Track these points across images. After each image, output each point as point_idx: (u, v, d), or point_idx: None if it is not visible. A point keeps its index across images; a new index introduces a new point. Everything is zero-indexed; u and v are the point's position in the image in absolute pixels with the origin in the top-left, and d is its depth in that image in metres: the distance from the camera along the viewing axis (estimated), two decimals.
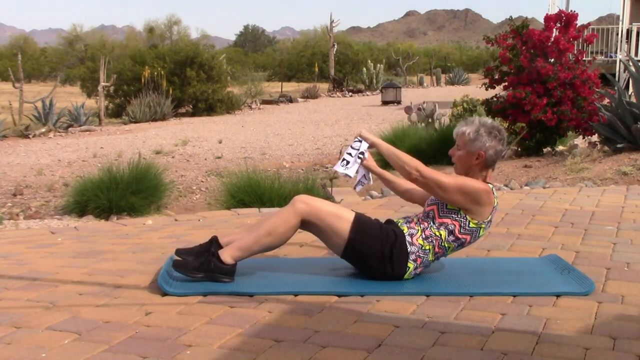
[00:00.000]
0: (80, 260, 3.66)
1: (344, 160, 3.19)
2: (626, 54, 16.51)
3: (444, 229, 3.11)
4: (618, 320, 2.64)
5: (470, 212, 3.09)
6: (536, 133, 8.39)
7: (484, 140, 3.10)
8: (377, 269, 3.10)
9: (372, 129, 14.61)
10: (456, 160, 3.18)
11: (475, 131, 3.11)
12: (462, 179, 3.08)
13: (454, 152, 3.20)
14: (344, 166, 3.18)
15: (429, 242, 3.11)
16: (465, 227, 3.11)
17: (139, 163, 7.13)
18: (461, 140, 3.15)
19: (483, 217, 3.12)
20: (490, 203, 3.10)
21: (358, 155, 3.21)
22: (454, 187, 3.04)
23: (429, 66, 41.68)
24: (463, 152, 3.14)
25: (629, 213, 4.82)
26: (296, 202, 3.10)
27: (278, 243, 3.12)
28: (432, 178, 3.04)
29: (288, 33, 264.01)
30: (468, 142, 3.12)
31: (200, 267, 3.06)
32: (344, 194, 6.86)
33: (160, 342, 2.43)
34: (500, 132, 3.16)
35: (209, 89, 21.55)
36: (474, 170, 3.15)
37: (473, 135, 3.11)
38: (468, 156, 3.13)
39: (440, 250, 3.15)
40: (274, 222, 3.08)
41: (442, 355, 2.31)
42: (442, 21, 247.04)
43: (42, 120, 17.21)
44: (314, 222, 3.09)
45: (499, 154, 3.16)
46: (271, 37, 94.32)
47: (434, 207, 3.14)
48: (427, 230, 3.11)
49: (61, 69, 41.93)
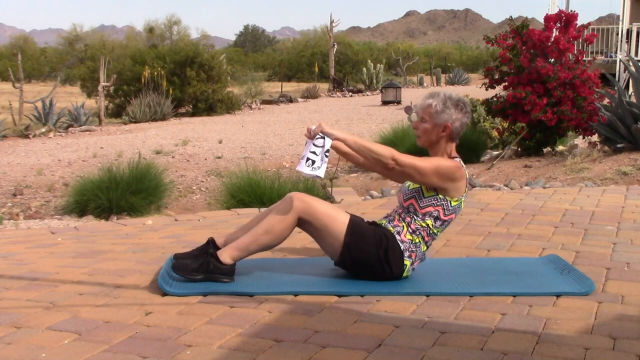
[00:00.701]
0: (80, 260, 3.66)
1: (308, 160, 2.97)
2: (626, 54, 16.51)
3: (429, 218, 3.10)
4: (618, 320, 2.64)
5: (447, 191, 3.08)
6: (536, 133, 8.39)
7: (451, 112, 3.09)
8: (375, 272, 3.09)
9: (371, 129, 14.61)
10: (421, 132, 3.15)
11: (442, 103, 3.10)
12: (436, 160, 3.06)
13: (418, 125, 3.16)
14: (309, 166, 2.96)
15: (417, 234, 3.10)
16: (448, 208, 3.11)
17: (139, 163, 7.13)
18: (427, 113, 3.12)
19: (460, 193, 3.12)
20: (463, 177, 3.10)
21: (324, 153, 2.99)
22: (430, 170, 3.02)
23: (429, 66, 41.68)
24: (429, 125, 3.11)
25: (629, 213, 4.82)
26: (293, 200, 3.08)
27: (276, 241, 3.12)
28: (409, 164, 3.01)
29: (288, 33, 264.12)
30: (434, 114, 3.10)
31: (199, 269, 3.06)
32: (344, 194, 6.86)
33: (160, 342, 2.43)
34: (466, 104, 3.15)
35: (209, 89, 21.55)
36: (439, 143, 3.13)
37: (440, 107, 3.09)
38: (434, 128, 3.11)
39: (430, 238, 3.15)
40: (271, 220, 3.07)
41: (442, 355, 2.31)
42: (442, 21, 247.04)
43: (42, 120, 17.21)
44: (309, 220, 3.07)
45: (464, 126, 3.15)
46: (271, 37, 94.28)
47: (412, 200, 3.12)
48: (412, 225, 3.10)
49: (61, 69, 41.92)
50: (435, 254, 3.69)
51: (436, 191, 3.10)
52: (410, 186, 3.17)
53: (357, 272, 3.14)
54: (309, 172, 2.96)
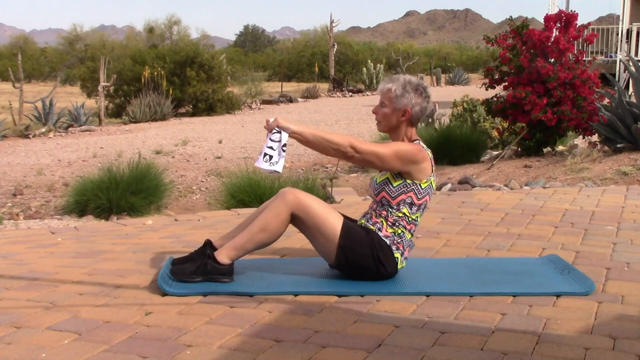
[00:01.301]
0: (80, 260, 3.66)
1: (266, 156, 2.94)
2: (626, 54, 16.51)
3: (404, 206, 3.10)
4: (618, 320, 2.64)
5: (412, 175, 3.08)
6: (536, 133, 8.39)
7: (410, 96, 3.10)
8: (371, 273, 3.09)
9: (372, 129, 14.61)
10: (381, 117, 3.16)
11: (402, 88, 3.10)
12: (395, 145, 3.07)
13: (378, 110, 3.17)
14: (267, 162, 2.94)
15: (397, 225, 3.10)
16: (420, 191, 3.11)
17: (139, 163, 7.12)
18: (386, 97, 3.13)
19: (427, 174, 3.11)
20: (426, 158, 3.10)
21: (282, 147, 2.97)
22: (390, 154, 3.02)
23: (429, 66, 41.69)
24: (389, 110, 3.12)
25: (629, 213, 4.83)
26: (286, 194, 3.07)
27: (272, 238, 3.11)
28: (369, 151, 3.01)
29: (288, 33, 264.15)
30: (394, 98, 3.10)
31: (197, 271, 3.05)
32: (344, 194, 6.86)
33: (160, 342, 2.43)
34: (425, 89, 3.16)
35: (209, 89, 21.54)
36: (399, 128, 3.14)
37: (400, 91, 3.10)
38: (394, 113, 3.12)
39: (412, 225, 3.14)
40: (266, 217, 3.06)
41: (442, 355, 2.31)
42: (442, 21, 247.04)
43: (42, 120, 17.21)
44: (302, 217, 3.06)
45: (424, 111, 3.16)
46: (271, 37, 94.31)
47: (383, 193, 3.12)
48: (389, 218, 3.10)
49: (61, 69, 41.92)
50: (435, 254, 3.70)
51: (403, 177, 3.09)
52: (378, 179, 3.17)
53: (353, 274, 3.13)
54: (267, 168, 2.95)
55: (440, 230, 4.26)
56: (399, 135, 3.16)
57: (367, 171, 9.41)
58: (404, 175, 3.10)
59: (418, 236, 4.07)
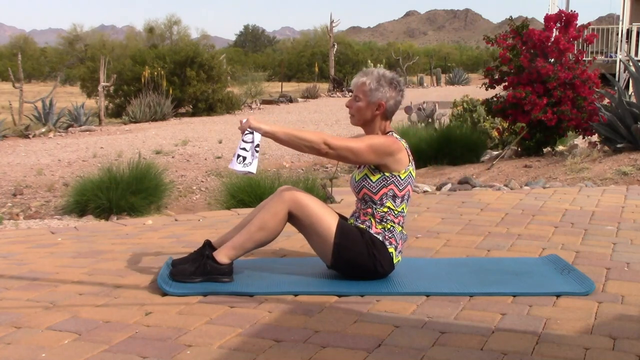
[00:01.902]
0: (80, 260, 3.66)
1: (239, 157, 2.93)
2: (626, 54, 16.51)
3: (387, 200, 3.10)
4: (618, 320, 2.64)
5: (389, 167, 3.07)
6: (536, 133, 8.39)
7: (385, 90, 3.10)
8: (369, 272, 3.09)
9: None
10: (355, 111, 3.15)
11: (376, 81, 3.10)
12: (369, 139, 3.06)
13: (351, 104, 3.16)
14: (241, 163, 2.93)
15: (385, 220, 3.10)
16: (400, 182, 3.10)
17: (139, 163, 7.12)
18: (361, 91, 3.12)
19: (404, 164, 3.11)
20: (401, 148, 3.10)
21: (255, 148, 2.95)
22: (364, 148, 3.02)
23: (429, 66, 41.69)
24: (363, 103, 3.12)
25: (629, 213, 4.83)
26: (283, 193, 3.08)
27: (271, 237, 3.11)
28: (342, 147, 3.01)
29: (288, 33, 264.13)
30: (368, 92, 3.10)
31: (197, 271, 3.06)
32: (344, 194, 6.86)
33: (160, 342, 2.43)
34: (400, 83, 3.16)
35: (209, 89, 21.55)
36: (373, 122, 3.14)
37: (374, 85, 3.10)
38: (368, 107, 3.12)
39: (399, 217, 3.14)
40: (264, 216, 3.06)
41: (442, 355, 2.31)
42: (442, 21, 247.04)
43: (42, 120, 17.21)
44: (298, 216, 3.07)
45: (398, 105, 3.17)
46: (271, 37, 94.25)
47: (364, 190, 3.12)
48: (376, 214, 3.10)
49: (61, 69, 41.91)
50: (435, 254, 3.70)
51: (381, 170, 3.09)
52: (357, 177, 3.17)
53: (351, 274, 3.13)
54: (241, 169, 2.94)
55: (440, 230, 4.26)
56: (373, 129, 3.16)
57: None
58: (381, 169, 3.09)
59: (418, 236, 4.07)
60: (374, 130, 3.16)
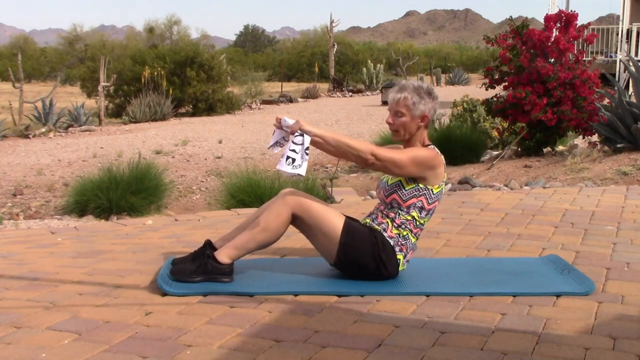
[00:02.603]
0: (80, 260, 3.66)
1: (288, 159, 2.91)
2: (626, 54, 16.51)
3: (413, 210, 3.11)
4: (618, 320, 2.64)
5: (427, 180, 3.10)
6: (536, 133, 8.39)
7: (426, 101, 3.13)
8: (372, 273, 3.09)
9: (371, 129, 14.62)
10: (399, 127, 3.14)
11: (417, 94, 3.12)
12: (412, 151, 3.08)
13: (393, 120, 3.15)
14: (290, 165, 2.90)
15: (404, 228, 3.11)
16: (431, 196, 3.13)
17: (139, 163, 7.13)
18: (402, 106, 3.12)
19: (440, 179, 3.14)
20: (441, 163, 3.13)
21: (305, 151, 2.93)
22: (408, 161, 3.04)
23: (429, 66, 41.68)
24: (407, 118, 3.12)
25: (629, 213, 4.82)
26: (287, 195, 3.08)
27: (273, 238, 3.11)
28: (388, 159, 3.02)
29: (288, 33, 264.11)
30: (411, 106, 3.11)
31: (198, 270, 3.06)
32: (344, 194, 6.86)
33: (160, 342, 2.43)
34: (434, 91, 3.19)
35: (209, 89, 21.55)
36: (417, 134, 3.16)
37: (416, 98, 3.12)
38: (413, 120, 3.13)
39: (418, 229, 3.16)
40: (267, 217, 3.07)
41: (442, 355, 2.31)
42: (442, 21, 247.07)
43: (42, 120, 17.21)
44: (303, 217, 3.07)
45: (435, 113, 3.20)
46: (271, 37, 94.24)
47: (394, 195, 3.12)
48: (397, 219, 3.11)
49: (61, 69, 41.90)
50: (435, 254, 3.70)
51: (416, 181, 3.10)
52: (390, 181, 3.18)
53: (354, 274, 3.13)
54: (290, 171, 2.93)
55: (440, 230, 4.26)
56: (414, 141, 3.17)
57: (367, 171, 9.40)
58: (417, 180, 3.11)
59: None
60: (415, 142, 3.17)
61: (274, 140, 3.18)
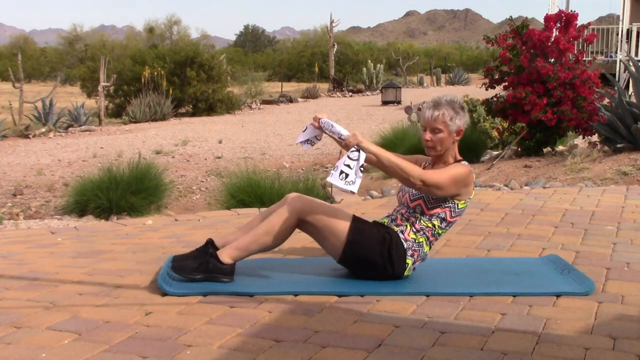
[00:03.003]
0: (80, 260, 3.66)
1: (342, 174, 2.84)
2: (626, 54, 16.51)
3: (436, 219, 3.13)
4: (618, 320, 2.64)
5: (459, 196, 3.13)
6: (536, 133, 8.39)
7: (461, 116, 3.15)
8: (377, 271, 3.10)
9: (371, 129, 14.61)
10: (438, 143, 3.13)
11: (453, 109, 3.13)
12: (451, 171, 3.08)
13: (431, 137, 3.14)
14: (343, 180, 2.83)
15: (422, 234, 3.12)
16: (455, 210, 3.15)
17: (139, 163, 7.13)
18: (440, 122, 3.12)
19: (468, 195, 3.17)
20: (473, 180, 3.18)
21: (359, 167, 2.87)
22: (448, 182, 3.05)
23: (429, 66, 41.68)
24: (445, 134, 3.13)
25: (629, 213, 4.83)
26: (294, 201, 3.09)
27: (276, 242, 3.12)
28: (433, 183, 3.02)
29: (288, 33, 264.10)
30: (449, 121, 3.12)
31: (199, 268, 3.06)
32: (344, 194, 6.85)
33: (160, 342, 2.43)
34: (464, 105, 3.21)
35: (209, 89, 21.55)
36: (451, 148, 3.18)
37: (452, 113, 3.13)
38: (450, 136, 3.14)
39: (434, 238, 3.18)
40: (272, 221, 3.08)
41: (442, 355, 2.31)
42: (442, 21, 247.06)
43: (42, 120, 17.21)
44: (311, 221, 3.08)
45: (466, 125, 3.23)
46: (271, 37, 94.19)
47: (420, 201, 3.13)
48: (416, 224, 3.12)
49: (61, 69, 41.89)
50: (435, 254, 3.69)
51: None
52: None
53: (359, 271, 3.14)
54: (343, 186, 2.86)
55: None
56: (447, 156, 3.18)
57: (367, 171, 9.40)
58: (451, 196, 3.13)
59: None
60: (448, 157, 3.18)
61: (305, 137, 3.18)
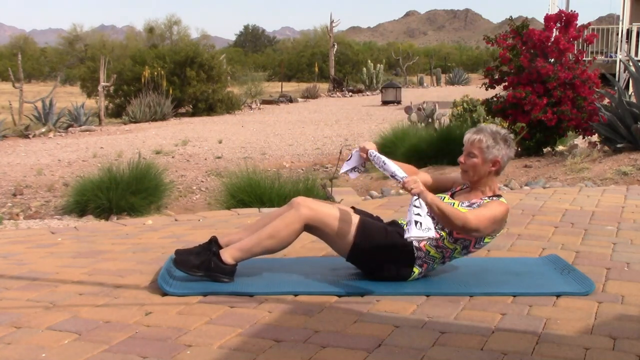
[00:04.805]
0: (80, 260, 3.66)
1: (417, 223, 2.81)
2: (626, 54, 16.51)
3: (459, 244, 3.11)
4: (618, 320, 2.64)
5: (493, 232, 3.12)
6: (536, 133, 8.39)
7: (501, 147, 3.11)
8: (382, 271, 3.10)
9: (371, 129, 14.61)
10: (470, 167, 3.13)
11: (492, 138, 3.11)
12: (490, 212, 3.03)
13: (465, 160, 3.14)
14: (420, 229, 2.80)
15: (439, 251, 3.11)
16: (479, 243, 3.15)
17: (139, 163, 7.12)
18: (476, 148, 3.11)
19: (497, 233, 3.17)
20: (506, 219, 3.14)
21: (427, 213, 2.85)
22: (487, 224, 3.01)
23: (429, 66, 41.68)
24: (479, 160, 3.11)
25: (629, 213, 4.82)
26: (300, 206, 3.07)
27: (280, 246, 3.12)
28: (473, 228, 2.99)
29: (288, 33, 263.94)
30: (485, 149, 3.09)
31: (201, 266, 3.06)
32: (344, 194, 6.86)
33: (160, 342, 2.43)
34: (510, 139, 3.17)
35: (209, 89, 21.54)
36: (487, 178, 3.14)
37: (490, 142, 3.10)
38: (484, 164, 3.11)
39: (447, 259, 3.17)
40: (277, 225, 3.07)
41: (442, 355, 2.31)
42: (442, 21, 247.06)
43: (42, 120, 17.20)
44: (318, 226, 3.08)
45: (509, 161, 3.19)
46: (271, 37, 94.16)
47: None
48: (439, 241, 3.08)
49: (61, 69, 41.88)
50: None
51: None
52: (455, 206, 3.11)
53: (366, 269, 3.15)
54: (423, 234, 2.83)
55: None
56: (482, 185, 3.16)
57: (367, 172, 9.40)
58: None
59: None
60: (484, 186, 3.16)
61: (350, 166, 3.21)
